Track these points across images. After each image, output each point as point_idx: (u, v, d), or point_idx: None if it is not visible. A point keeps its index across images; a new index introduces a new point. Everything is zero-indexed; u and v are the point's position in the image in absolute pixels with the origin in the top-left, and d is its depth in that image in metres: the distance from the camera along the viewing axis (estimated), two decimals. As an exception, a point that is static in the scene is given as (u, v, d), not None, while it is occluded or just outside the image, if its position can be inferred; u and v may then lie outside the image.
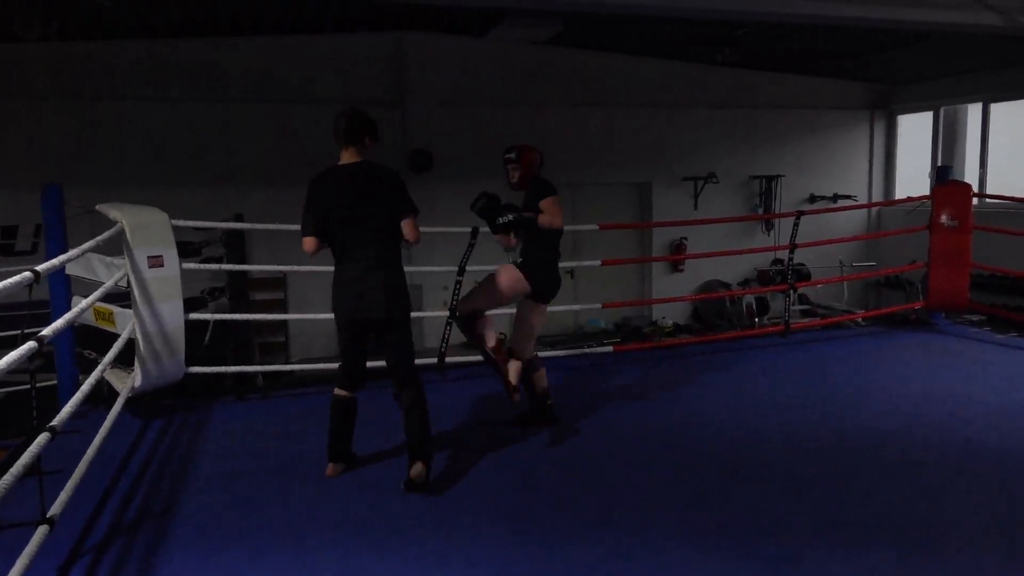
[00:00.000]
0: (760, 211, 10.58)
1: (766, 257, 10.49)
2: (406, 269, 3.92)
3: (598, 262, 6.73)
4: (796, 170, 10.75)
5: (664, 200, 10.34)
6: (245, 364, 5.57)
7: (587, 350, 6.15)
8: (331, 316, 3.87)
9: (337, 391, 3.92)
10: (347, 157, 3.72)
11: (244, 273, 7.85)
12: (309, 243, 3.69)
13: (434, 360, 5.79)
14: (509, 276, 4.37)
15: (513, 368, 4.45)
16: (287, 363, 8.35)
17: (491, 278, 4.47)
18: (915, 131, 11.00)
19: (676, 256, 10.03)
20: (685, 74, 10.09)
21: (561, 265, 4.73)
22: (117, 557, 3.13)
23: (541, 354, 6.04)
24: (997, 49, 8.39)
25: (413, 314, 4.18)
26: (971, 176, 9.78)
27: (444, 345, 5.82)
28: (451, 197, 9.20)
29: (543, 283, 4.40)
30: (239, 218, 7.51)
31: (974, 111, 10.17)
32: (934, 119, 10.68)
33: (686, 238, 10.28)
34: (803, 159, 10.83)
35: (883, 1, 5.49)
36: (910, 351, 6.17)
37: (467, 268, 5.77)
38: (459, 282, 5.77)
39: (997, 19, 5.80)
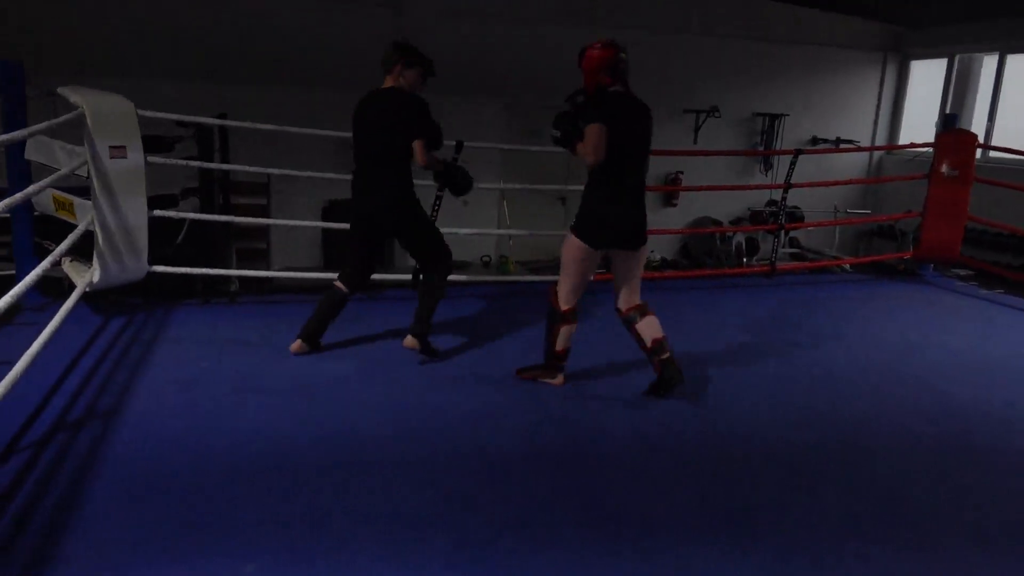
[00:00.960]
0: (762, 148, 10.31)
1: (761, 197, 10.29)
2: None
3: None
4: (801, 110, 10.43)
5: (663, 131, 9.95)
6: (218, 268, 5.42)
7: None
8: (312, 224, 3.98)
9: (337, 283, 4.37)
10: (385, 83, 4.26)
11: (225, 174, 7.61)
12: None
13: (408, 277, 5.64)
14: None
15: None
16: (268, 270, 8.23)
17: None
18: (926, 80, 10.64)
19: (669, 187, 9.81)
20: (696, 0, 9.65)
21: (551, 188, 4.45)
22: (56, 453, 3.05)
23: (526, 278, 5.96)
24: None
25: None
26: (979, 129, 9.51)
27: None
28: (442, 113, 8.94)
29: (577, 218, 4.01)
30: (222, 117, 7.23)
31: (989, 62, 9.81)
32: (947, 67, 10.31)
33: (682, 172, 10.04)
34: (809, 99, 10.49)
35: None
36: (892, 301, 6.08)
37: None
38: (439, 197, 5.60)
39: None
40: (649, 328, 3.92)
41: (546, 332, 4.04)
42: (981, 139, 8.09)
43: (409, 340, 4.40)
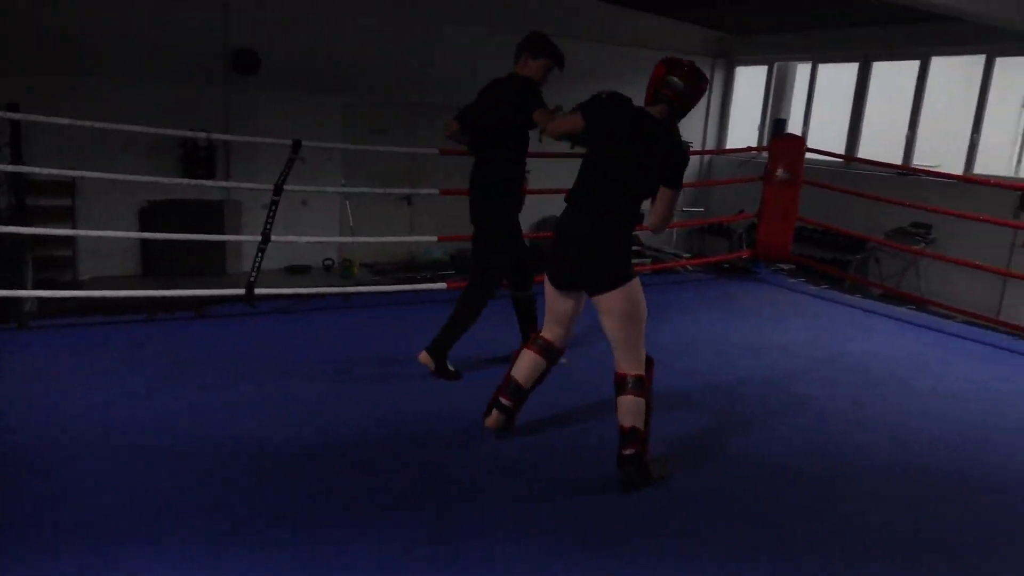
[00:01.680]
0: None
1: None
2: (225, 183, 3.41)
3: (436, 191, 6.25)
4: (639, 111, 10.72)
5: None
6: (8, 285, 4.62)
7: (419, 287, 5.73)
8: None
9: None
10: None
11: (18, 173, 6.59)
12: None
13: (241, 291, 5.10)
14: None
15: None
16: (75, 281, 7.25)
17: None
18: (749, 84, 11.33)
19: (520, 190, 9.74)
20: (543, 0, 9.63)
21: (396, 190, 4.15)
22: None
23: (369, 288, 5.59)
24: (830, 10, 8.67)
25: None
26: (794, 131, 10.24)
27: (255, 273, 5.14)
28: (277, 108, 8.32)
29: (625, 261, 3.28)
30: (13, 108, 6.23)
31: (803, 70, 10.61)
32: (768, 73, 11.04)
33: (529, 170, 9.98)
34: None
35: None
36: (740, 300, 6.34)
37: (285, 187, 5.08)
38: (275, 202, 5.08)
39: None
40: (623, 408, 3.14)
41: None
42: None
43: (423, 356, 4.17)
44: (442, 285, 5.75)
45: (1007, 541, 2.95)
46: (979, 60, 8.52)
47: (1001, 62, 8.43)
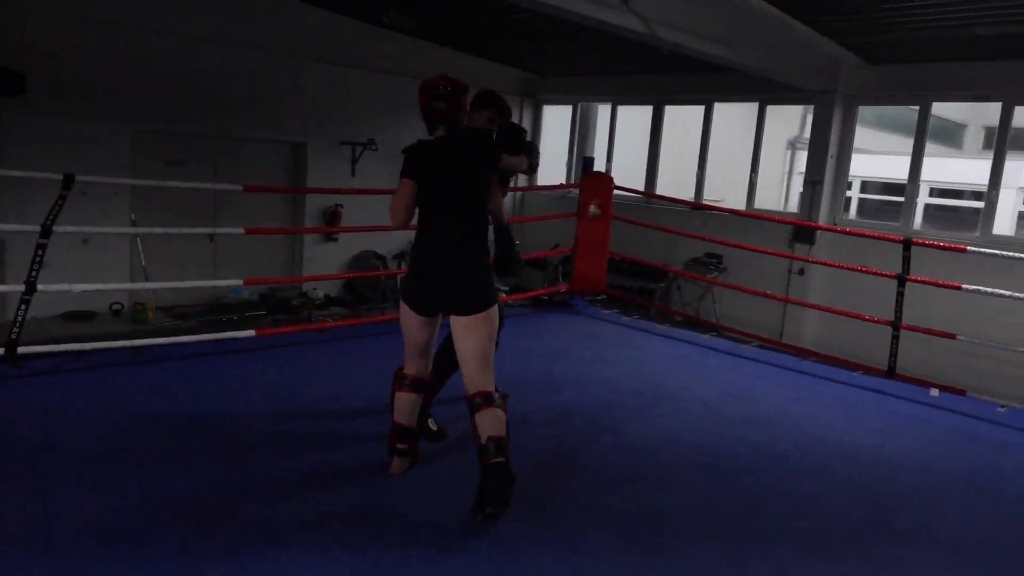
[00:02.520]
0: (418, 184, 10.45)
1: (421, 231, 10.41)
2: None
3: (241, 230, 5.78)
4: (453, 146, 10.79)
5: (320, 164, 9.60)
6: None
7: (225, 335, 5.23)
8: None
9: None
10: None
11: None
12: None
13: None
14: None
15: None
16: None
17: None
18: (556, 121, 11.84)
19: (329, 228, 9.39)
20: (350, 30, 9.40)
21: (196, 231, 3.66)
22: None
23: (165, 340, 5.02)
24: (626, 57, 9.28)
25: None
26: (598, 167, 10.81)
27: (17, 329, 4.39)
28: (49, 134, 7.37)
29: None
30: None
31: (604, 110, 11.27)
32: (572, 113, 11.60)
33: (341, 205, 9.70)
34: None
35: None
36: (560, 333, 6.47)
37: (56, 228, 4.41)
38: (42, 245, 4.40)
39: (640, 24, 6.22)
40: (488, 421, 3.21)
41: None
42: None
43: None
44: (250, 332, 5.29)
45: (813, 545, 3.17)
46: (754, 107, 9.52)
47: (771, 109, 9.47)
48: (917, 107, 8.25)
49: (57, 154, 7.30)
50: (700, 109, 9.91)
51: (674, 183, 10.24)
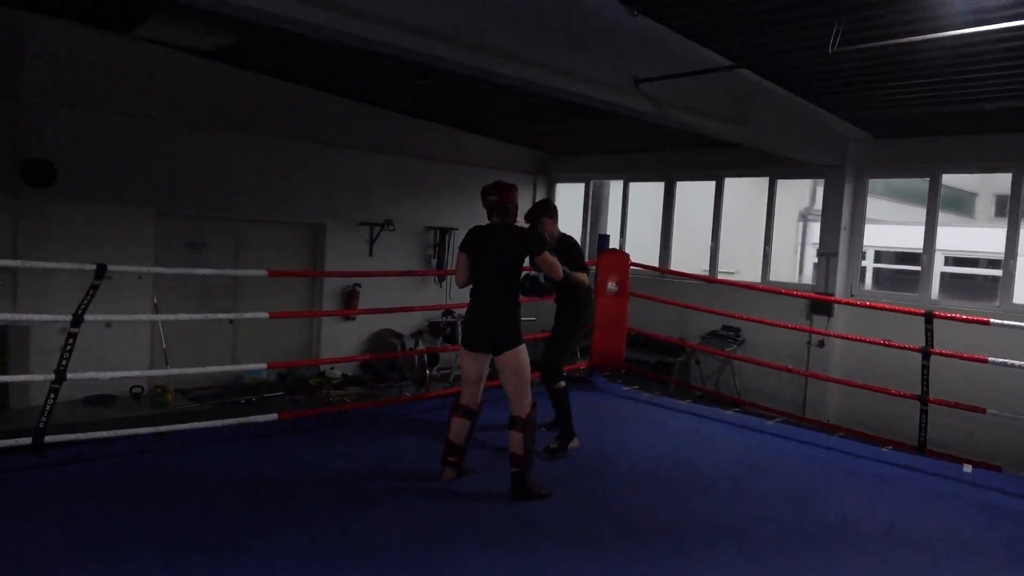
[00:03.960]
0: (434, 261, 10.59)
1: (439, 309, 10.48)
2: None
3: (265, 315, 5.84)
4: (469, 225, 10.89)
5: (338, 244, 9.78)
6: None
7: (246, 419, 5.21)
8: None
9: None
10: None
11: None
12: None
13: (27, 439, 4.33)
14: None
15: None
16: None
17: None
18: (569, 198, 12.04)
19: (348, 311, 9.49)
20: (366, 116, 9.74)
21: (221, 316, 3.95)
22: None
23: (187, 426, 5.02)
24: (637, 135, 9.51)
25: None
26: (612, 243, 10.92)
27: (44, 419, 4.40)
28: (76, 220, 7.58)
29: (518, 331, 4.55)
30: None
31: (616, 186, 11.47)
32: (585, 189, 11.81)
33: (359, 284, 9.82)
34: (475, 214, 11.08)
35: (556, 71, 5.67)
36: (583, 412, 6.40)
37: (86, 317, 4.47)
38: (73, 334, 4.46)
39: (650, 106, 6.40)
40: (512, 440, 4.33)
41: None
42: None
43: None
44: (273, 416, 5.28)
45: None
46: (765, 180, 9.66)
47: (782, 184, 9.61)
48: (927, 179, 8.35)
49: (81, 240, 7.50)
50: (711, 184, 10.07)
51: (688, 257, 10.32)
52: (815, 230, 10.07)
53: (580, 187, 11.83)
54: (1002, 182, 8.49)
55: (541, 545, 3.78)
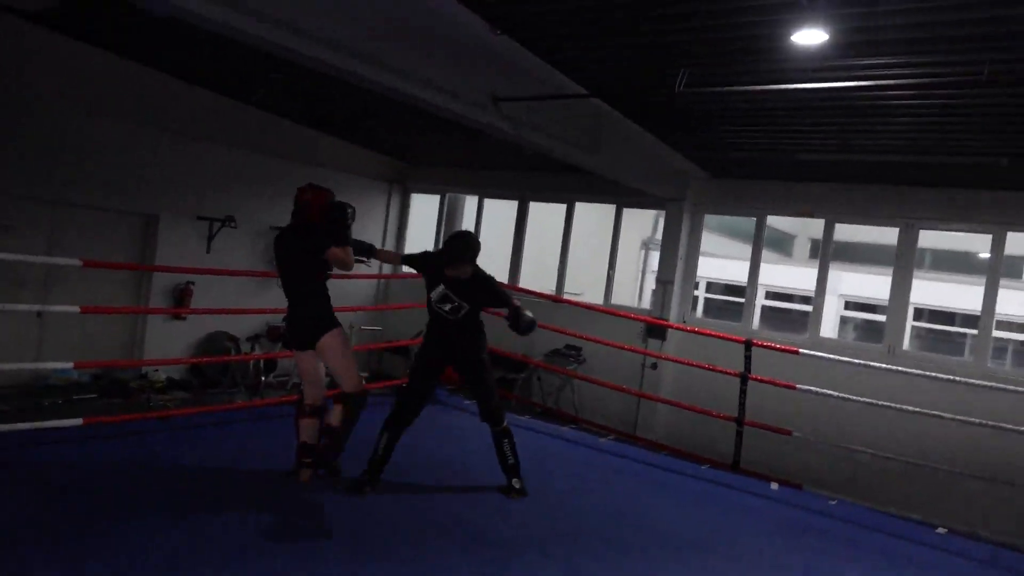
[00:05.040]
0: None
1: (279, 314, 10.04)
2: None
3: (76, 308, 5.30)
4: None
5: (172, 238, 9.11)
6: None
7: (46, 424, 4.69)
8: None
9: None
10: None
11: None
12: None
13: None
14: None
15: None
16: None
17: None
18: (423, 209, 11.98)
19: (178, 309, 8.85)
20: (216, 106, 9.15)
21: (24, 307, 3.38)
22: None
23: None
24: (492, 153, 9.64)
25: None
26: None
27: None
28: None
29: (329, 317, 4.69)
30: None
31: (471, 201, 11.55)
32: (440, 202, 11.81)
33: (193, 282, 9.19)
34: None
35: (418, 80, 5.61)
36: (420, 423, 6.34)
37: None
38: None
39: (508, 126, 6.51)
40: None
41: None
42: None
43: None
44: (78, 421, 4.78)
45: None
46: (612, 208, 10.10)
47: (627, 212, 10.09)
48: (754, 218, 9.08)
49: None
50: (562, 207, 10.39)
51: (536, 276, 10.56)
52: (655, 259, 10.65)
53: (435, 199, 11.81)
54: (816, 227, 9.39)
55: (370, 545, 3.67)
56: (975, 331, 8.09)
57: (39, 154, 7.81)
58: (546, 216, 10.81)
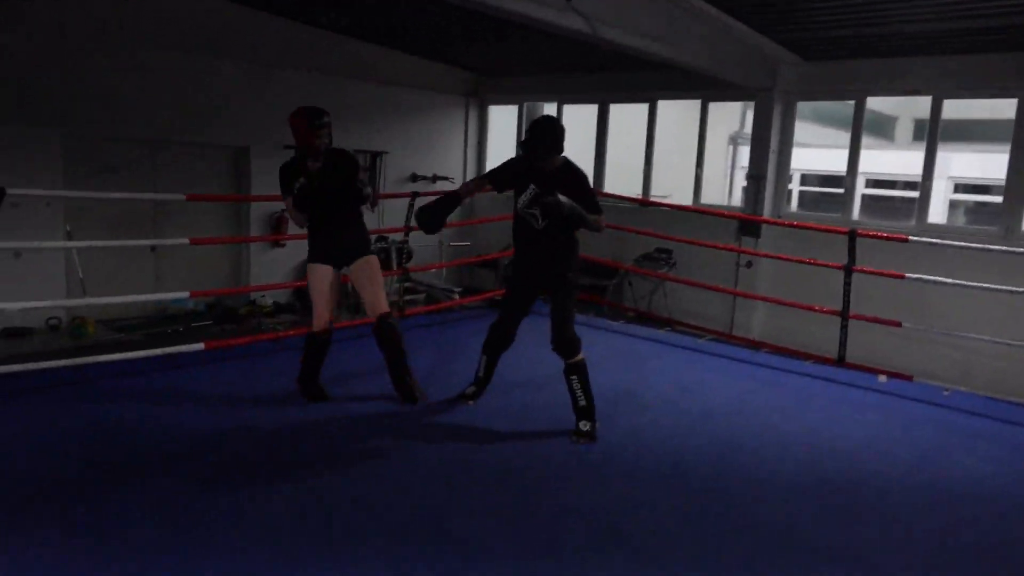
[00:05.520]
0: (368, 189, 10.31)
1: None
2: None
3: (186, 240, 5.59)
4: (400, 148, 10.70)
5: (264, 167, 9.35)
6: None
7: (172, 349, 5.04)
8: None
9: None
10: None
11: None
12: None
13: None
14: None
15: None
16: None
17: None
18: (501, 122, 11.82)
19: (276, 236, 9.18)
20: (289, 33, 9.20)
21: (138, 243, 3.58)
22: None
23: (110, 357, 4.83)
24: (570, 56, 9.32)
25: None
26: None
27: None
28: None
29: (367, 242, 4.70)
30: None
31: (550, 109, 11.30)
32: (518, 112, 11.60)
33: (286, 210, 9.47)
34: (407, 137, 10.83)
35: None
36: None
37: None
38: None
39: (582, 24, 6.25)
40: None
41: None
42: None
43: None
44: (200, 346, 5.12)
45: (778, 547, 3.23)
46: (696, 104, 9.68)
47: (713, 106, 9.65)
48: (852, 102, 8.51)
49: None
50: (644, 107, 10.03)
51: (621, 180, 10.34)
52: (745, 153, 10.21)
53: (513, 109, 11.61)
54: (921, 105, 8.72)
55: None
56: (1105, 206, 7.43)
57: (136, 97, 8.10)
58: (627, 117, 10.47)
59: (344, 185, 4.42)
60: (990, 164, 9.47)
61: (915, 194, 8.34)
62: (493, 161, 11.95)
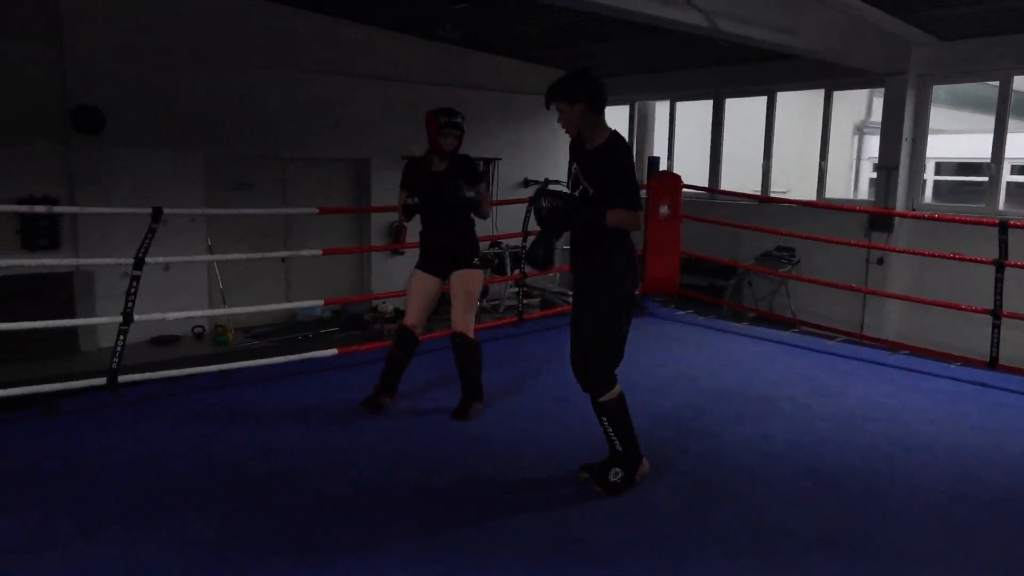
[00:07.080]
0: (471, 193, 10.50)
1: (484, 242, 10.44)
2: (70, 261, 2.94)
3: (319, 251, 5.89)
4: (512, 154, 10.83)
5: (383, 179, 9.72)
6: None
7: (307, 355, 5.31)
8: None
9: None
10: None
11: None
12: None
13: (101, 380, 4.49)
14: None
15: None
16: None
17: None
18: (613, 121, 11.70)
19: (399, 245, 9.51)
20: (405, 47, 9.53)
21: (274, 254, 3.88)
22: None
23: (253, 363, 5.14)
24: (683, 52, 9.12)
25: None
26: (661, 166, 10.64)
27: (116, 359, 4.55)
28: (127, 166, 7.67)
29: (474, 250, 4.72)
30: None
31: (662, 107, 11.11)
32: (630, 112, 11.47)
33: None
34: (518, 143, 10.95)
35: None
36: (641, 338, 6.37)
37: (147, 260, 4.56)
38: (136, 277, 4.55)
39: (701, 19, 6.10)
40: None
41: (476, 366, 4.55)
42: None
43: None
44: (333, 351, 5.37)
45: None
46: (817, 94, 9.24)
47: (838, 95, 9.18)
48: (996, 82, 7.88)
49: (133, 186, 7.59)
50: (762, 100, 9.68)
51: (738, 177, 10.02)
52: (871, 143, 9.66)
53: (625, 109, 11.49)
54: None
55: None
56: None
57: (263, 117, 8.61)
58: (744, 111, 10.14)
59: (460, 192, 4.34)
60: None
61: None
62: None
